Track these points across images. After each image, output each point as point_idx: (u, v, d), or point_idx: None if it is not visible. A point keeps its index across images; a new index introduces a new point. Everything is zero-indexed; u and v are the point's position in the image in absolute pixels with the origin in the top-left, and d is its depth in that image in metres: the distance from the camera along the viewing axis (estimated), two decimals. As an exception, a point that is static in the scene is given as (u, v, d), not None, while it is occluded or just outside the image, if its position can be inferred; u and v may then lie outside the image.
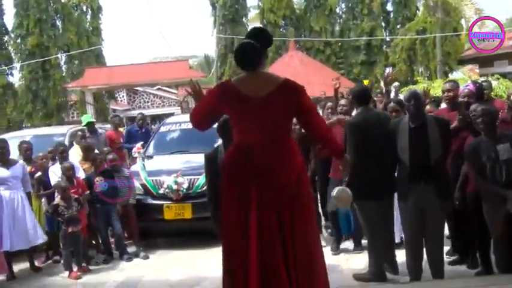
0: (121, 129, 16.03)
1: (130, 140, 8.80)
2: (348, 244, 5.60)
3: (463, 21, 20.23)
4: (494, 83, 12.26)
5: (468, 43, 24.01)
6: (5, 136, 8.46)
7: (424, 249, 4.10)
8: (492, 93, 7.64)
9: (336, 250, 5.39)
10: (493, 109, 3.99)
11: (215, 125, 7.85)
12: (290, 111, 2.99)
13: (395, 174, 4.14)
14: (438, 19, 19.16)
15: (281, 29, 24.61)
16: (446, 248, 4.71)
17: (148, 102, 34.09)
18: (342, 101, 5.59)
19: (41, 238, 5.61)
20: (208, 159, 4.23)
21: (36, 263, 5.82)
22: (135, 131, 9.29)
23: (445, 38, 20.08)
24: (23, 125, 23.85)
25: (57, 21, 24.45)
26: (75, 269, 5.42)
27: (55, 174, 5.96)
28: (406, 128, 3.95)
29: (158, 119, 29.46)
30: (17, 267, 5.66)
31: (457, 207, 4.35)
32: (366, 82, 13.47)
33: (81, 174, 6.02)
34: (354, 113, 4.70)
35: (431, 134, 3.89)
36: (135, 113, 33.39)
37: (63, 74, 24.46)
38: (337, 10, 25.54)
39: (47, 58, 22.84)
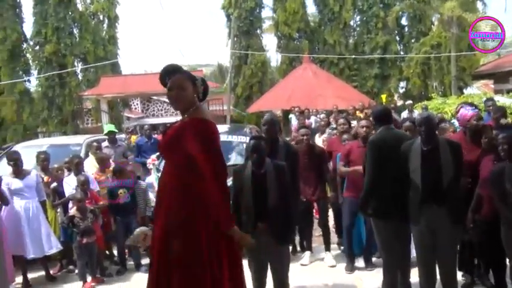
0: (134, 137, 16.14)
1: (141, 153, 8.76)
2: (361, 262, 5.58)
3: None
4: (510, 101, 12.19)
5: (484, 58, 23.98)
6: (22, 145, 8.67)
7: (438, 271, 4.09)
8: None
9: (351, 270, 5.36)
10: None
11: (234, 139, 7.73)
12: None
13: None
14: (453, 34, 19.09)
15: (295, 42, 24.72)
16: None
17: (162, 110, 34.23)
18: (363, 122, 5.37)
19: (55, 247, 5.70)
20: (235, 175, 4.22)
21: (51, 272, 5.89)
22: (144, 143, 9.23)
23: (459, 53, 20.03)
24: (38, 131, 24.15)
25: (75, 30, 24.85)
26: (89, 279, 5.48)
27: (69, 185, 6.03)
28: (418, 150, 3.96)
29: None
30: (31, 276, 5.74)
31: (469, 230, 4.34)
32: (383, 97, 13.36)
33: (94, 187, 6.08)
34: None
35: (444, 157, 3.89)
36: (149, 121, 33.66)
37: (79, 82, 24.74)
38: (352, 23, 25.58)
39: (65, 70, 23.21)
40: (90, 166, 6.95)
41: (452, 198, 3.92)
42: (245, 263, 4.15)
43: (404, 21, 24.77)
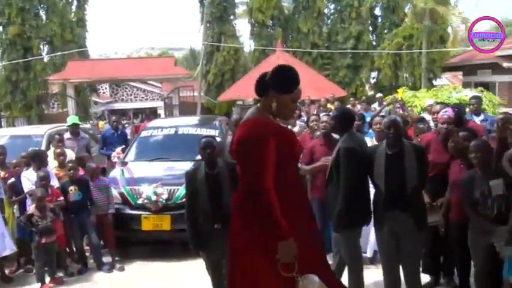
0: (101, 122, 15.57)
1: (107, 145, 8.51)
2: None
3: (449, 30, 20.38)
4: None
5: (453, 51, 24.27)
6: (-19, 135, 8.25)
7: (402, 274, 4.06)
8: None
9: None
10: (487, 144, 3.93)
11: (203, 132, 7.50)
12: None
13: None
14: (425, 26, 19.23)
15: (269, 29, 24.45)
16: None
17: (131, 95, 33.69)
18: (325, 117, 5.23)
19: (9, 249, 5.39)
20: (188, 177, 4.11)
21: (7, 272, 5.62)
22: (110, 134, 8.86)
23: (431, 45, 20.17)
24: (1, 115, 23.28)
25: (41, 11, 23.86)
26: (47, 280, 5.24)
27: (28, 180, 5.71)
28: (382, 154, 3.88)
29: (141, 112, 29.12)
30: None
31: (441, 234, 4.33)
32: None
33: (55, 183, 5.80)
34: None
35: (408, 162, 3.82)
36: (117, 105, 33.00)
37: (45, 66, 23.84)
38: (326, 12, 25.43)
39: (31, 58, 22.19)
40: (52, 160, 6.63)
41: (416, 204, 3.89)
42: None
43: (377, 12, 24.77)
